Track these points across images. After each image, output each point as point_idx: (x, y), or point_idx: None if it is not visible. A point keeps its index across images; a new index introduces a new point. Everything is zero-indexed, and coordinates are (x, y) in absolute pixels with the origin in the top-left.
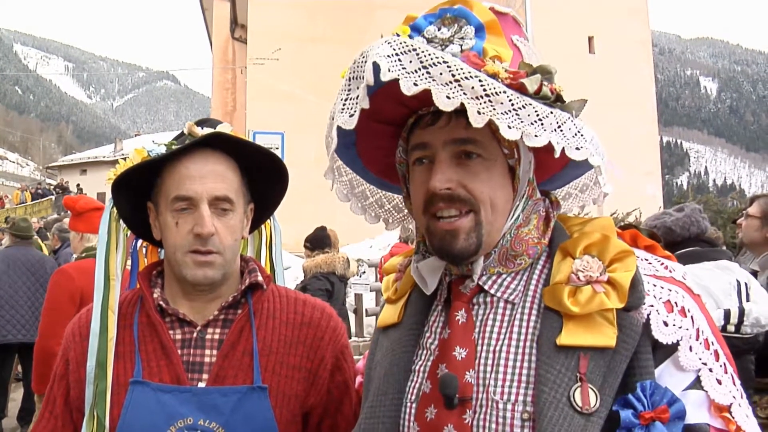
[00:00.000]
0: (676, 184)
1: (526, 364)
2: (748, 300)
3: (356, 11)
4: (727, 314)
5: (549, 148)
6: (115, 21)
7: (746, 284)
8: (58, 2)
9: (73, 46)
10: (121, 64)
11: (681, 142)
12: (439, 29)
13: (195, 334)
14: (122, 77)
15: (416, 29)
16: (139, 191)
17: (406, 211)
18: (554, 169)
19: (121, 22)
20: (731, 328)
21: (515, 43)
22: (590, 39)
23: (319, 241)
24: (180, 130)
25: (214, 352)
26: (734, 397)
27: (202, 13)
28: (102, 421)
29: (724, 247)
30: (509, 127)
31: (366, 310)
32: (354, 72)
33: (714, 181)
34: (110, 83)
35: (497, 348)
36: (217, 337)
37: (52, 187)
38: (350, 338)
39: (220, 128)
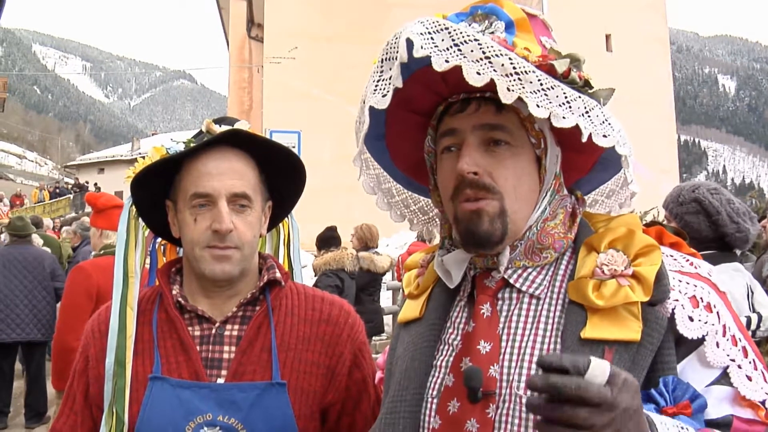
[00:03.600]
0: None
1: None
2: (754, 306)
3: (372, 10)
4: (748, 321)
5: (576, 145)
6: (132, 21)
7: (751, 287)
8: (76, 3)
9: (91, 45)
10: (138, 63)
11: (699, 141)
12: (470, 25)
13: (214, 331)
14: (139, 76)
15: None
16: (158, 189)
17: (430, 214)
18: (582, 171)
19: (138, 21)
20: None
21: (543, 43)
22: (607, 37)
23: (325, 241)
24: (197, 128)
25: (233, 348)
26: (766, 393)
27: (219, 13)
28: (121, 417)
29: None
30: (538, 106)
31: (383, 308)
32: (387, 53)
33: (732, 179)
34: (127, 82)
35: (522, 344)
36: (235, 333)
37: (70, 186)
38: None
39: (237, 126)
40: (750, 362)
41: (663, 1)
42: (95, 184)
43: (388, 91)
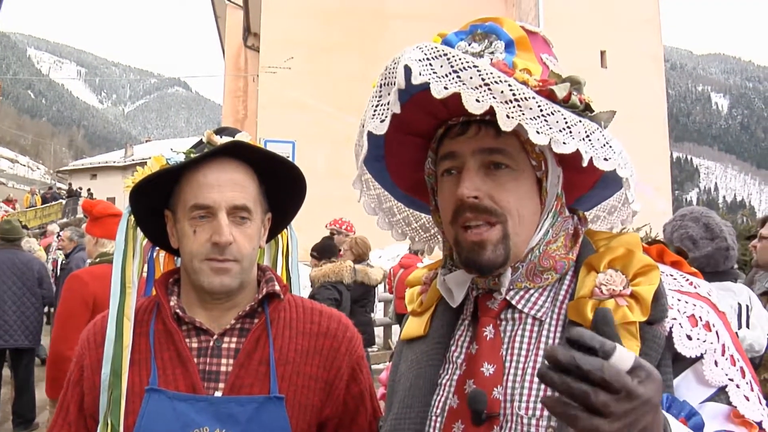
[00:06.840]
0: (686, 199)
1: None
2: (748, 324)
3: (369, 20)
4: None
5: (577, 164)
6: (128, 27)
7: (747, 306)
8: (72, 8)
9: (86, 51)
10: (133, 69)
11: (691, 158)
12: (469, 44)
13: (211, 343)
14: (134, 83)
15: (447, 45)
16: (157, 198)
17: (432, 231)
18: (583, 189)
19: (134, 28)
20: None
21: (544, 61)
22: (602, 53)
23: (326, 250)
24: (190, 136)
25: (231, 361)
26: (762, 414)
27: (215, 21)
28: (116, 429)
29: (735, 265)
30: (537, 132)
31: (374, 320)
32: (385, 78)
33: (724, 197)
34: (122, 89)
35: (525, 366)
36: (233, 346)
37: (62, 191)
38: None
39: (239, 137)
40: (747, 383)
41: (658, 19)
42: (88, 190)
43: (386, 117)
